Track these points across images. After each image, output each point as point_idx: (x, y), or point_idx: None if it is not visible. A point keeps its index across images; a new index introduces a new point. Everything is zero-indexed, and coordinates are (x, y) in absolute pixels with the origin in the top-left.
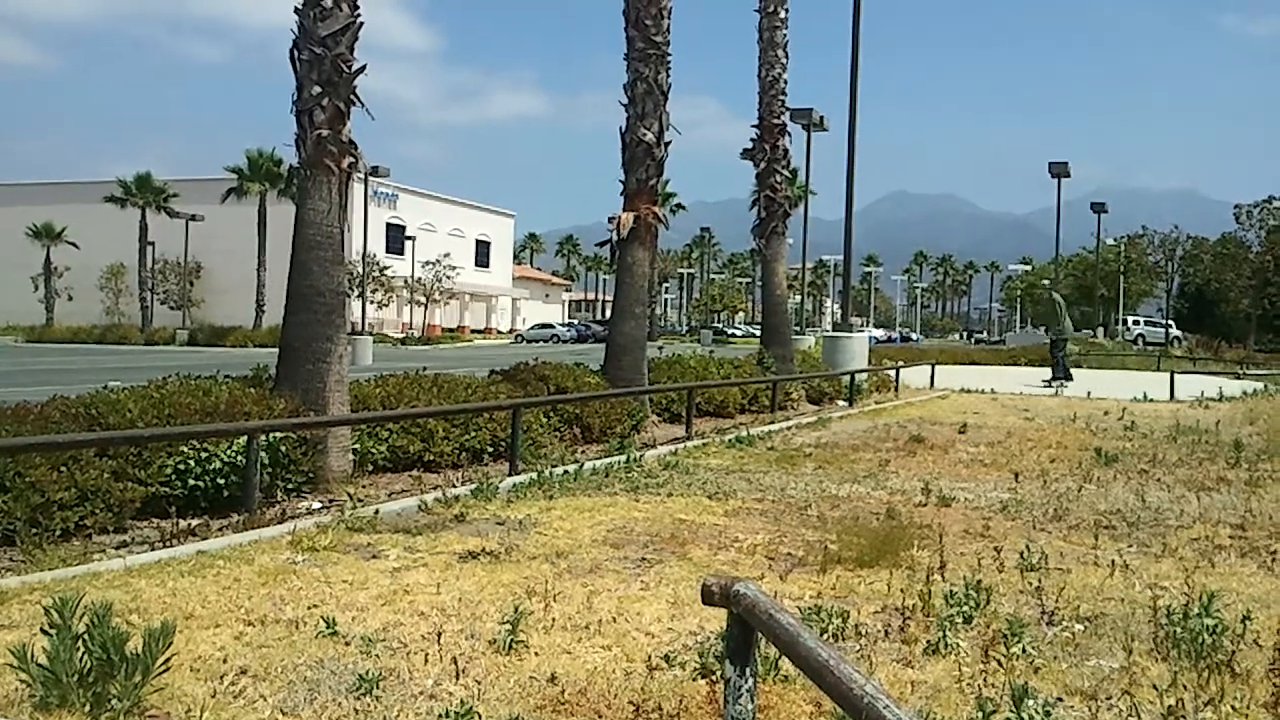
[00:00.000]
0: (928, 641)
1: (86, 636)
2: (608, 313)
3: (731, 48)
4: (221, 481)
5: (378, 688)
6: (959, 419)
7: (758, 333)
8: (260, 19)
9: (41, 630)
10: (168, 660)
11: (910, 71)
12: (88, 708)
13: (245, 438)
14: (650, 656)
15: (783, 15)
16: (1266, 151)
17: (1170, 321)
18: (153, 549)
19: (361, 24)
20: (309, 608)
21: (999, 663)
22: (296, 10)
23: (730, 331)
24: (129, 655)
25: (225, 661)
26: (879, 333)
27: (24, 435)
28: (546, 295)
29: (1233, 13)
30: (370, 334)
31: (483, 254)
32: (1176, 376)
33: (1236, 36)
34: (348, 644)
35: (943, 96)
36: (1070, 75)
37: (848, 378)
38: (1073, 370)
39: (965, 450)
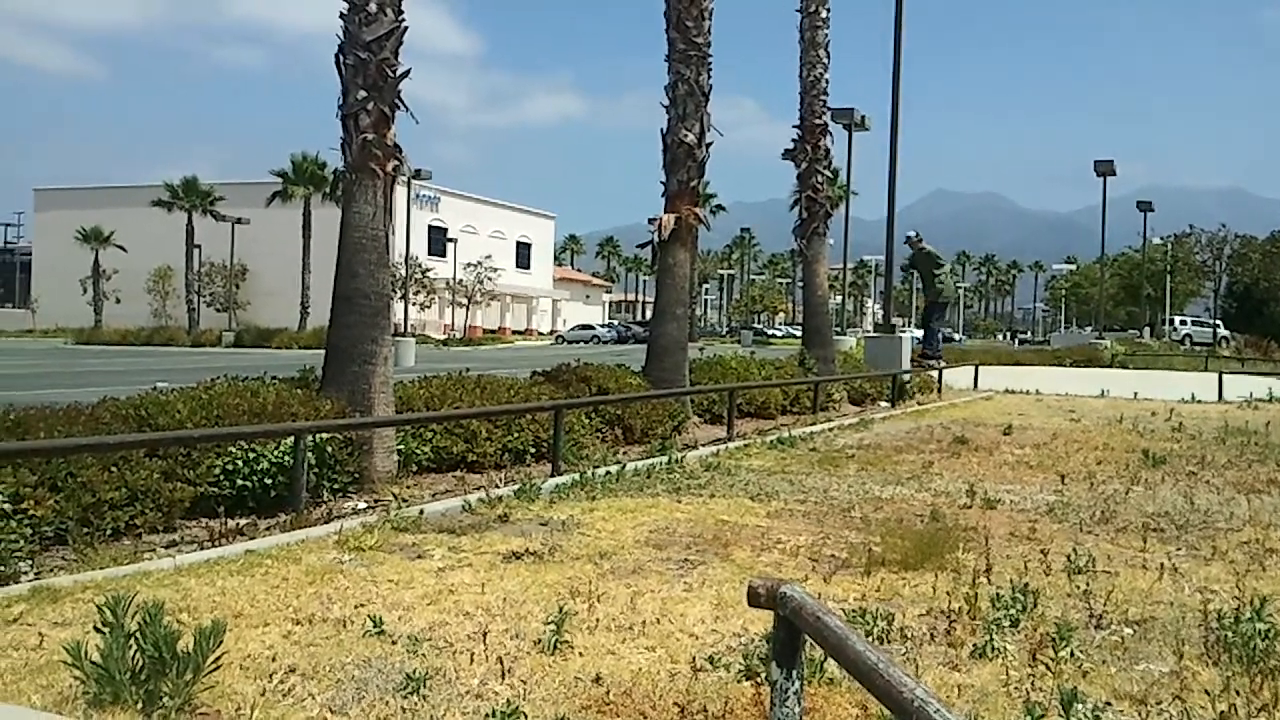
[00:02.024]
0: (974, 645)
1: (138, 634)
2: (648, 314)
3: (770, 48)
4: (269, 481)
5: (424, 687)
6: (1003, 420)
7: (798, 333)
8: (298, 24)
9: (94, 628)
10: (218, 659)
11: (950, 71)
12: (140, 705)
13: (293, 438)
14: (695, 658)
15: (824, 15)
16: None
17: (1218, 321)
18: (202, 548)
19: (405, 29)
20: (356, 607)
21: (1047, 666)
22: (342, 16)
23: (770, 332)
24: (180, 653)
25: (274, 660)
26: (921, 333)
27: (75, 436)
28: (587, 296)
29: (1272, 9)
30: (413, 335)
31: (523, 256)
32: (1225, 377)
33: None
34: (394, 643)
35: (983, 95)
36: (1113, 73)
37: (890, 379)
38: (1120, 371)
39: (1010, 452)
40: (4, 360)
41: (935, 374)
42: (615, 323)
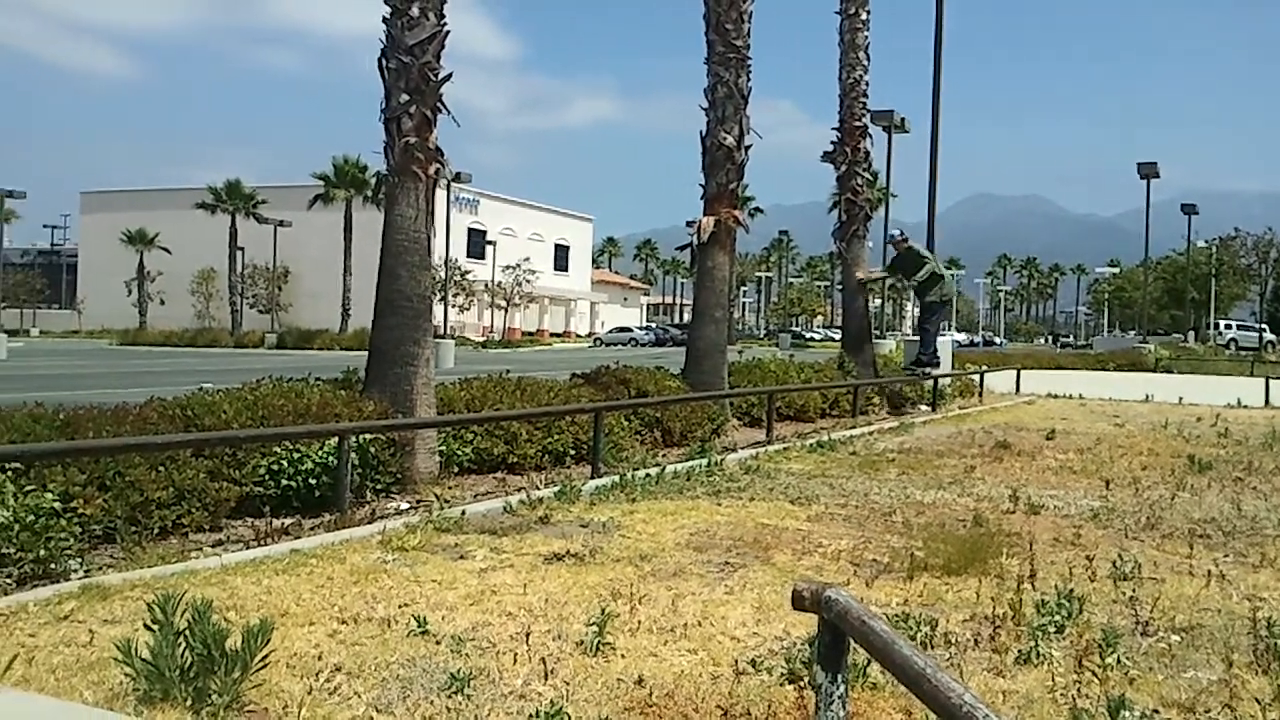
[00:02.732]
0: (1019, 651)
1: (188, 632)
2: (686, 316)
3: (807, 50)
4: (313, 481)
5: (469, 687)
6: (1046, 425)
7: (836, 336)
8: (338, 27)
9: (144, 626)
10: (266, 657)
11: (992, 73)
12: (189, 702)
13: (336, 439)
14: (737, 661)
15: (864, 17)
16: None
17: (1264, 325)
18: (247, 547)
19: (448, 32)
20: (400, 606)
21: (1093, 673)
22: (385, 20)
23: (809, 335)
24: (228, 651)
25: (320, 659)
26: (961, 337)
27: (124, 436)
28: (625, 299)
29: None
30: (452, 337)
31: (562, 258)
32: (1271, 382)
33: None
34: (438, 643)
35: (1026, 97)
36: (1156, 75)
37: (930, 382)
38: (1164, 375)
39: (1053, 457)
40: (51, 361)
41: (976, 378)
42: (653, 325)
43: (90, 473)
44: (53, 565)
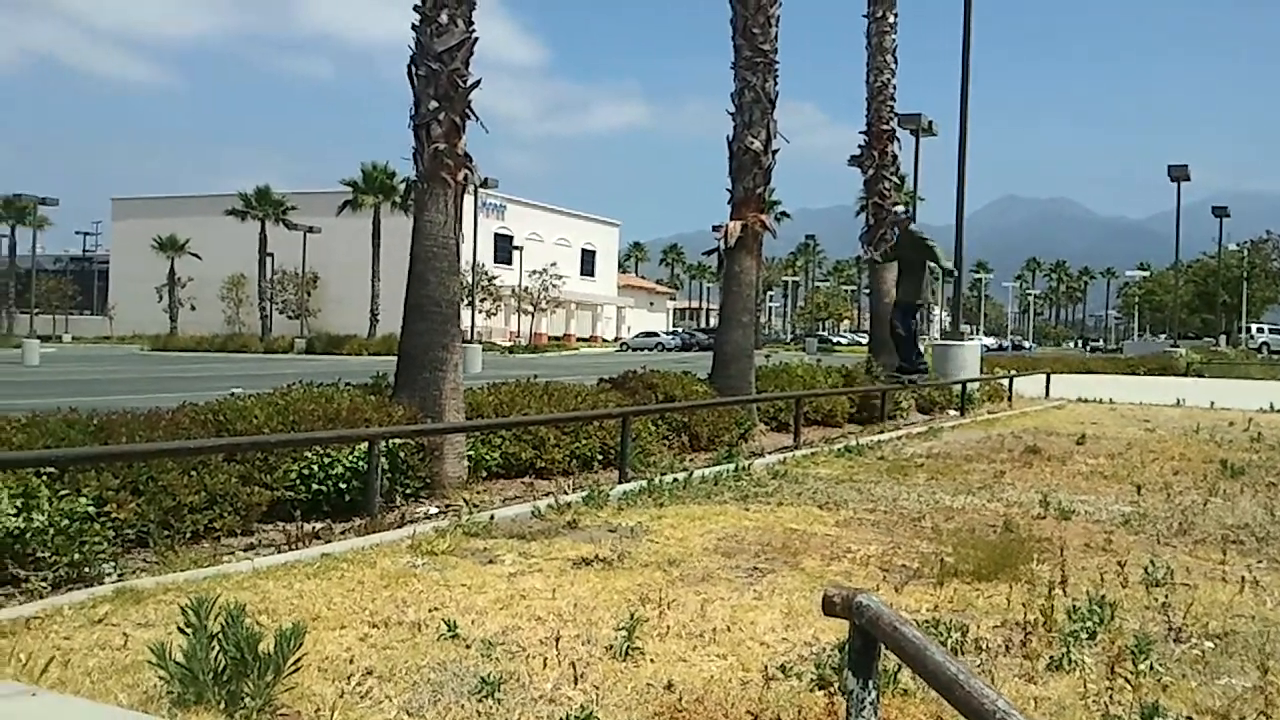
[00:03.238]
0: (1050, 657)
1: (221, 636)
2: (712, 321)
3: (832, 53)
4: (343, 486)
5: (499, 691)
6: (1076, 429)
7: (863, 341)
8: (368, 36)
9: (178, 629)
10: (298, 661)
11: (1020, 75)
12: (222, 705)
13: (366, 444)
14: (766, 666)
15: (891, 20)
16: None
17: None
18: (279, 551)
19: (476, 39)
20: (430, 610)
21: (1126, 680)
22: (414, 27)
23: (836, 340)
24: (261, 655)
25: (351, 662)
26: (989, 341)
27: (156, 441)
28: (651, 304)
29: None
30: (479, 342)
31: (588, 263)
32: None
33: None
34: (468, 647)
35: (1052, 99)
36: (1185, 76)
37: (959, 387)
38: (1195, 380)
39: (1084, 462)
40: (84, 366)
41: (1005, 382)
42: (679, 330)
43: (124, 477)
44: (87, 569)
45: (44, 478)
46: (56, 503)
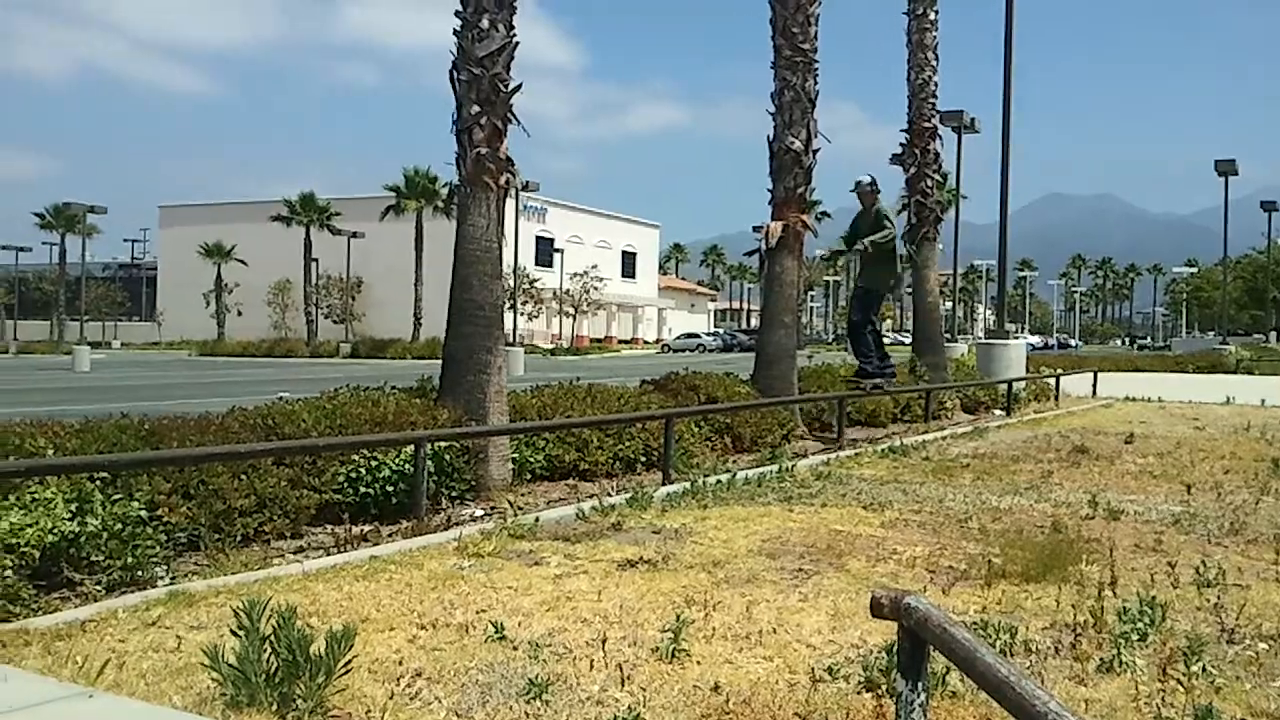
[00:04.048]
0: (1101, 659)
1: (273, 638)
2: (753, 322)
3: (873, 52)
4: (390, 489)
5: (546, 692)
6: (1124, 428)
7: (906, 340)
8: (409, 42)
9: (231, 631)
10: (349, 662)
11: (1063, 71)
12: (274, 707)
13: (413, 447)
14: (813, 669)
15: (932, 17)
16: None
17: None
18: (328, 554)
19: (517, 44)
20: (477, 612)
21: (1178, 682)
22: (455, 33)
23: None
24: (313, 657)
25: (401, 664)
26: (1035, 339)
27: (207, 445)
28: (692, 305)
29: None
30: (521, 345)
31: (629, 265)
32: None
33: None
34: (516, 648)
35: (1097, 96)
36: (1232, 71)
37: (1004, 386)
38: (1244, 377)
39: (1132, 461)
40: (134, 371)
41: (1051, 381)
42: (720, 331)
43: (175, 481)
44: (140, 572)
45: (97, 482)
46: (110, 507)
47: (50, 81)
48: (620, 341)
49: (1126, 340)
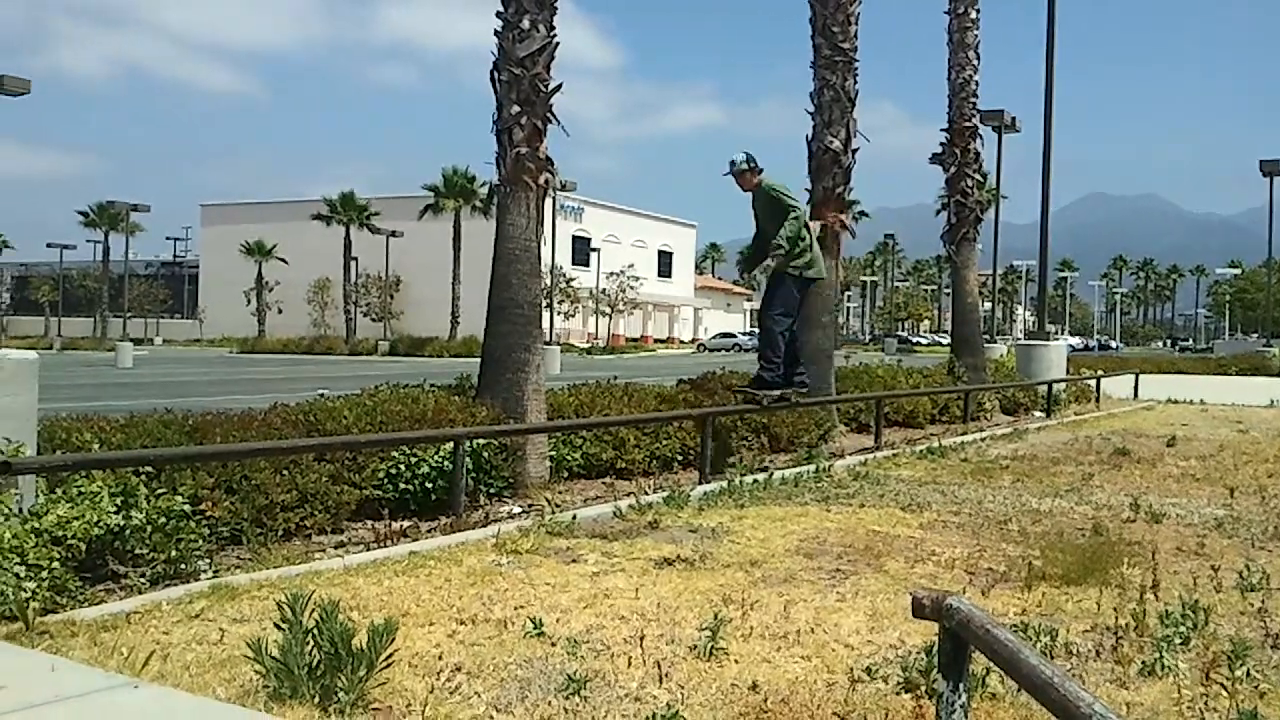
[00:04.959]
0: (1143, 662)
1: (315, 631)
2: None
3: (913, 51)
4: (429, 485)
5: (585, 688)
6: (1166, 431)
7: (944, 341)
8: (449, 43)
9: (274, 624)
10: (390, 656)
11: (1105, 70)
12: (317, 699)
13: (452, 444)
14: (852, 669)
15: (973, 16)
16: None
17: None
18: (368, 549)
19: (557, 44)
20: (515, 608)
21: (1222, 686)
22: (496, 33)
23: (915, 340)
24: (354, 650)
25: (440, 658)
26: (1075, 340)
27: (249, 440)
28: (728, 304)
29: None
30: (558, 344)
31: (665, 264)
32: None
33: None
34: (554, 645)
35: (1140, 94)
36: (1278, 71)
37: (1044, 387)
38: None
39: (1175, 464)
40: (177, 368)
41: (1092, 383)
42: (757, 331)
43: (218, 476)
44: (183, 565)
45: (142, 476)
46: (154, 501)
47: (95, 82)
48: (656, 341)
49: (1168, 342)
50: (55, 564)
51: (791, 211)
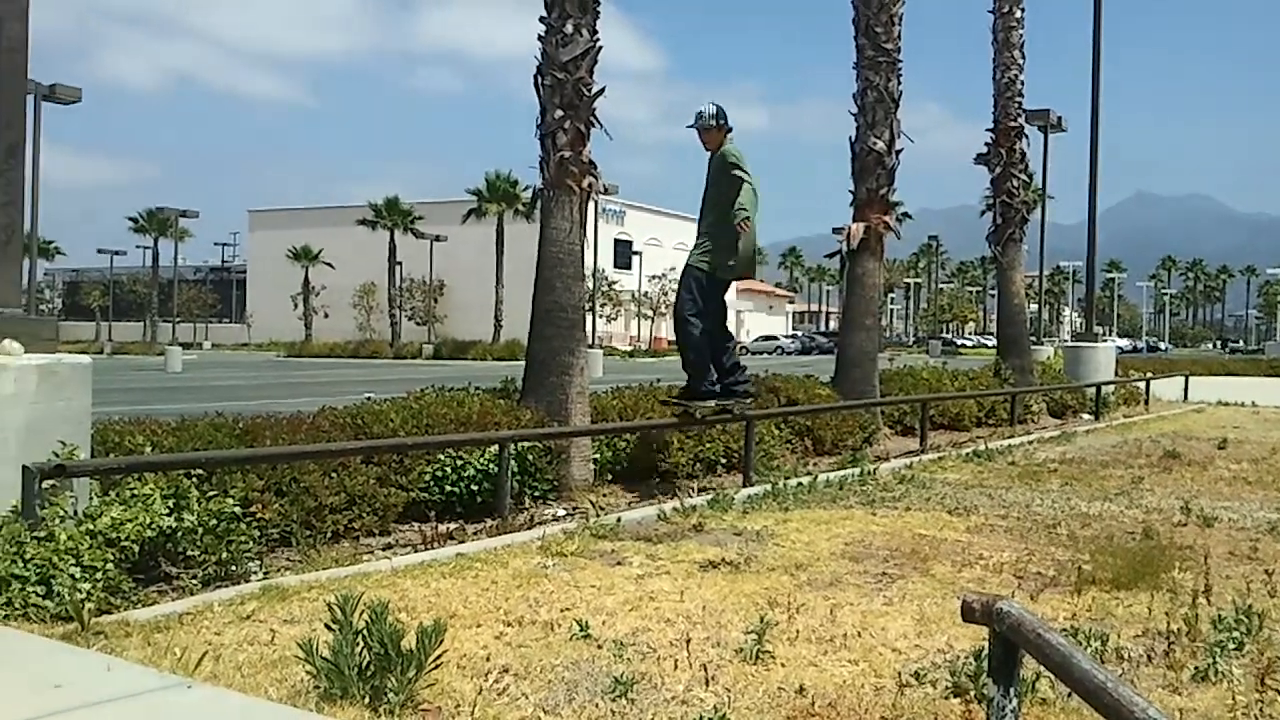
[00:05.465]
0: (1196, 668)
1: (365, 632)
2: (831, 324)
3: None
4: (475, 488)
5: (632, 691)
6: (1217, 434)
7: (989, 343)
8: (491, 49)
9: (325, 626)
10: (439, 657)
11: (1150, 68)
12: (367, 700)
13: (497, 446)
14: (899, 673)
15: (1018, 15)
16: None
17: None
18: (415, 551)
19: (600, 48)
20: (561, 610)
21: (1277, 692)
22: (539, 38)
23: (960, 342)
24: (404, 651)
25: (488, 660)
26: (1123, 342)
27: (299, 443)
28: (770, 307)
29: None
30: (600, 347)
31: None
32: None
33: None
34: (600, 647)
35: (1188, 92)
36: None
37: (1092, 390)
38: None
39: (1226, 467)
40: (224, 372)
41: (1141, 385)
42: (799, 333)
43: (268, 479)
44: (234, 567)
45: (193, 479)
46: (205, 503)
47: (144, 90)
48: None
49: (1218, 344)
50: (109, 565)
51: (743, 181)
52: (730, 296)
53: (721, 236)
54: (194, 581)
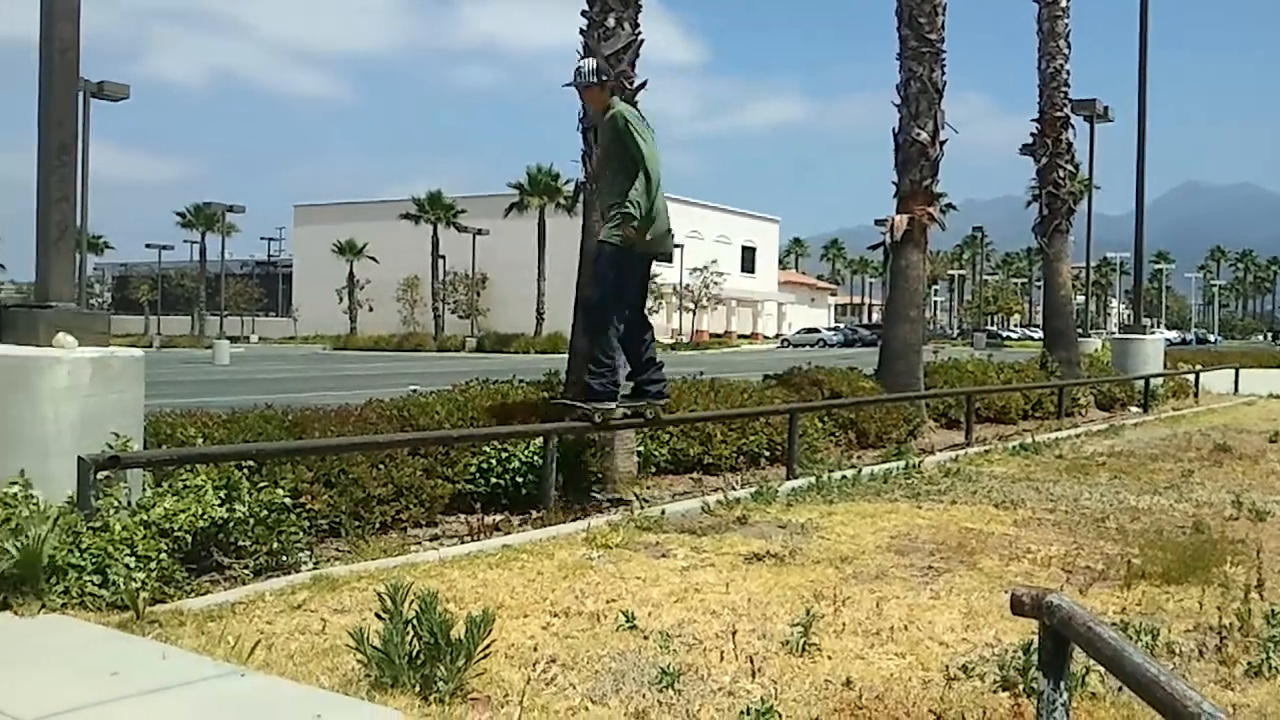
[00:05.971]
0: (1249, 663)
1: (415, 622)
2: (874, 316)
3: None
4: (520, 480)
5: (678, 681)
6: (1269, 427)
7: (1035, 335)
8: (531, 44)
9: (375, 615)
10: (487, 647)
11: (1199, 56)
12: (417, 688)
13: (542, 439)
14: (947, 666)
15: (1063, 4)
16: None
17: None
18: (462, 542)
19: (642, 41)
20: (607, 602)
21: None
22: (581, 32)
23: (1005, 334)
24: (453, 641)
25: (535, 650)
26: (1172, 334)
27: (347, 435)
28: (812, 300)
29: None
30: None
31: (748, 260)
32: None
33: None
34: (646, 638)
35: (1237, 80)
36: None
37: (1141, 382)
38: None
39: (1278, 461)
40: (273, 365)
41: (1190, 378)
42: (841, 326)
43: (317, 470)
44: (285, 557)
45: (244, 470)
46: (256, 494)
47: (190, 87)
48: (740, 336)
49: (1269, 336)
50: (163, 555)
51: (641, 163)
52: (772, 289)
53: (621, 212)
54: (246, 571)
